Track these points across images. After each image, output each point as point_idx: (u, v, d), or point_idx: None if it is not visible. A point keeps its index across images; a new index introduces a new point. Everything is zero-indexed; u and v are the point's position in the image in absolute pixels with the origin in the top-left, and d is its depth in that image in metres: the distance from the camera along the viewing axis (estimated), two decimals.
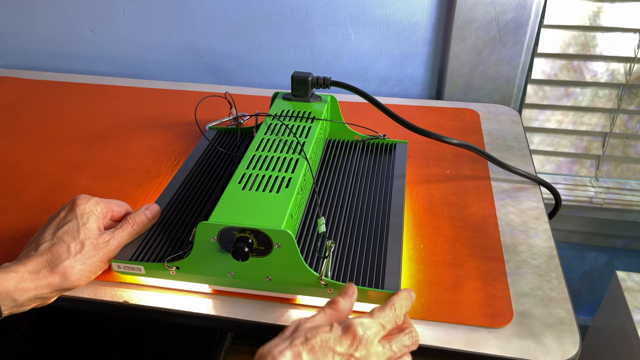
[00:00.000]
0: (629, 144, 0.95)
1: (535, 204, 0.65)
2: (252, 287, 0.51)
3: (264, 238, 0.47)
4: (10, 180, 0.69)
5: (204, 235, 0.48)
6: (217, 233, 0.47)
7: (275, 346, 0.39)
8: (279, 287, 0.50)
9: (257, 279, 0.49)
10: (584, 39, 0.87)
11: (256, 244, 0.47)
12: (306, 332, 0.39)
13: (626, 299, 0.83)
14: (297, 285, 0.49)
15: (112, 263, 0.51)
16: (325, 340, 0.39)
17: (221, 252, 0.48)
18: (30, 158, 0.74)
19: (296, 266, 0.48)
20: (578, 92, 0.91)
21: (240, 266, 0.49)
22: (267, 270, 0.49)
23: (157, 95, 0.92)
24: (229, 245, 0.48)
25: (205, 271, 0.50)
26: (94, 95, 0.92)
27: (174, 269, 0.50)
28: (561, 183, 0.98)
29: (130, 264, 0.51)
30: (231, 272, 0.49)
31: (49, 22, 1.00)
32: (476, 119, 0.84)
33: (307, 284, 0.48)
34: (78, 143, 0.78)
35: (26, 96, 0.92)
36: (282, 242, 0.46)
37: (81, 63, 1.04)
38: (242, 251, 0.46)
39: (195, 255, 0.49)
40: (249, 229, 0.47)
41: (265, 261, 0.48)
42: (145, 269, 0.51)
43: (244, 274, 0.49)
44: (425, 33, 0.90)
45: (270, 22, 0.93)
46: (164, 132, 0.80)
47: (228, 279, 0.50)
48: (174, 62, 1.01)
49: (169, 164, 0.72)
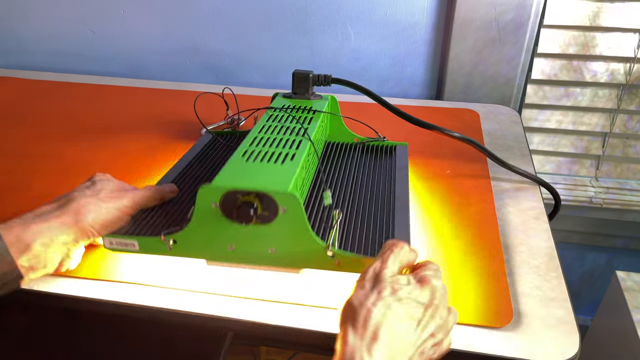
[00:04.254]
0: (628, 144, 0.95)
1: (535, 203, 0.65)
2: (254, 261, 0.48)
3: (270, 202, 0.44)
4: (9, 180, 0.69)
5: (205, 200, 0.45)
6: (220, 197, 0.45)
7: (366, 298, 0.39)
8: (282, 260, 0.47)
9: (260, 251, 0.47)
10: (583, 39, 0.87)
11: (260, 209, 0.45)
12: (392, 284, 0.40)
13: (626, 299, 0.83)
14: (302, 256, 0.47)
15: (104, 239, 0.49)
16: (408, 291, 0.40)
17: (222, 222, 0.46)
18: (30, 158, 0.74)
19: (302, 234, 0.45)
20: (578, 92, 0.91)
21: (242, 237, 0.46)
22: (271, 241, 0.46)
23: (157, 95, 0.92)
24: (232, 211, 0.45)
25: (204, 244, 0.48)
26: (93, 95, 0.92)
27: (171, 242, 0.48)
28: (561, 183, 0.98)
29: (124, 239, 0.49)
30: (232, 245, 0.47)
31: (49, 22, 1.00)
32: (476, 119, 0.84)
33: (313, 254, 0.46)
34: (77, 143, 0.78)
35: (26, 96, 0.92)
36: (289, 206, 0.44)
37: (81, 63, 1.04)
38: (247, 213, 0.44)
39: (194, 225, 0.47)
40: (254, 192, 0.44)
41: (269, 230, 0.46)
42: (139, 244, 0.49)
43: (245, 246, 0.47)
44: (425, 33, 0.90)
45: (270, 22, 0.93)
46: (164, 132, 0.80)
47: (228, 253, 0.48)
48: (174, 62, 1.01)
49: (169, 163, 0.72)
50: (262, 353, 1.12)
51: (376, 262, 0.43)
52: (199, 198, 0.45)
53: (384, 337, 0.37)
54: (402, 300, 0.39)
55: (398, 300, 0.39)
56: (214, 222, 0.46)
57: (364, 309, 0.38)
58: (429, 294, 0.40)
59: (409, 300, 0.39)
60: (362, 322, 0.38)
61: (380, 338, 0.37)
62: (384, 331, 0.37)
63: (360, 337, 0.37)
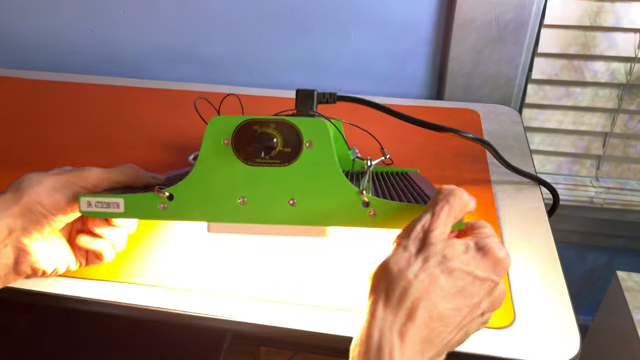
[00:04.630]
0: (629, 143, 0.94)
1: (535, 204, 0.65)
2: (269, 218, 0.40)
3: (292, 134, 0.39)
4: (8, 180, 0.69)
5: (214, 135, 0.39)
6: (234, 130, 0.39)
7: (408, 265, 0.32)
8: (305, 215, 0.40)
9: (277, 203, 0.40)
10: (584, 39, 0.86)
11: (281, 144, 0.39)
12: (443, 249, 0.33)
13: (626, 299, 0.83)
14: (329, 208, 0.39)
15: (80, 200, 0.41)
16: (464, 262, 0.33)
17: (234, 164, 0.39)
18: (29, 158, 0.74)
19: (330, 175, 0.39)
20: (578, 92, 0.91)
21: (256, 184, 0.40)
22: (291, 188, 0.40)
23: (157, 95, 0.92)
24: (247, 148, 0.39)
25: (208, 198, 0.40)
26: (93, 95, 0.92)
27: (166, 199, 0.41)
28: (561, 183, 0.98)
29: (105, 198, 0.41)
30: (243, 197, 0.40)
31: (49, 21, 1.00)
32: (476, 118, 0.84)
33: (344, 203, 0.39)
34: (77, 143, 0.78)
35: (25, 96, 0.92)
36: (315, 137, 0.39)
37: (81, 63, 1.04)
38: (267, 143, 0.38)
39: (198, 171, 0.40)
40: (275, 121, 0.39)
41: (290, 173, 0.39)
42: (125, 204, 0.41)
43: (260, 197, 0.40)
44: (426, 33, 0.90)
45: (270, 22, 0.93)
46: (164, 132, 0.80)
47: (238, 209, 0.40)
48: (173, 61, 1.01)
49: (170, 163, 0.72)
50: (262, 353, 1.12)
51: (425, 216, 0.35)
52: (208, 132, 0.39)
53: (422, 317, 0.31)
54: (454, 273, 0.32)
55: (449, 272, 0.32)
56: (222, 165, 0.40)
57: (403, 279, 0.31)
58: (490, 267, 0.33)
59: (463, 273, 0.33)
60: (398, 295, 0.31)
61: (418, 318, 0.31)
62: (424, 310, 0.31)
63: (393, 313, 0.31)
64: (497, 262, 0.34)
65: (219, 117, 0.39)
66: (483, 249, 0.34)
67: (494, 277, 0.33)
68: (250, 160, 0.39)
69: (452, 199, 0.35)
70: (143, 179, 0.47)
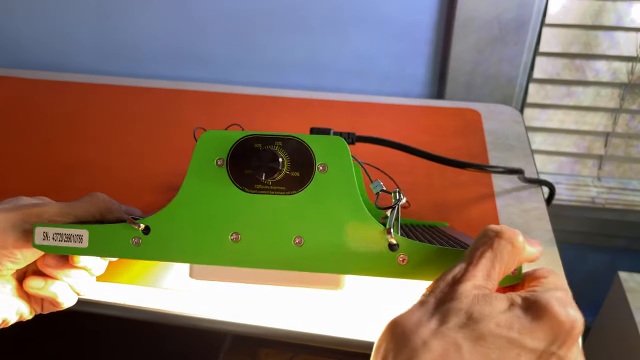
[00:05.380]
0: (631, 143, 0.94)
1: (537, 204, 0.64)
2: (268, 262, 0.32)
3: (302, 155, 0.32)
4: (8, 180, 0.69)
5: (206, 154, 0.32)
6: (230, 148, 0.32)
7: (417, 327, 0.24)
8: (313, 259, 0.32)
9: (279, 242, 0.32)
10: (586, 38, 0.86)
11: (287, 166, 0.32)
12: (470, 307, 0.24)
13: (628, 300, 0.83)
14: (345, 251, 0.31)
15: (34, 230, 0.34)
16: (503, 324, 0.24)
17: (227, 190, 0.32)
18: (29, 158, 0.74)
19: (348, 208, 0.31)
20: (580, 92, 0.91)
21: (253, 217, 0.32)
22: (298, 224, 0.32)
23: (156, 95, 0.92)
24: (245, 170, 0.32)
25: (192, 233, 0.33)
26: (92, 95, 0.92)
27: (140, 232, 0.33)
28: (563, 183, 0.97)
29: (66, 229, 0.34)
30: (236, 232, 0.32)
31: (49, 21, 1.00)
32: (477, 118, 0.84)
33: (364, 246, 0.31)
34: (76, 143, 0.77)
35: (25, 96, 0.92)
36: (331, 159, 0.32)
37: (80, 63, 1.04)
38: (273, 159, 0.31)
39: (182, 199, 0.33)
40: (281, 138, 0.32)
41: (297, 203, 0.32)
42: (90, 238, 0.34)
43: (257, 234, 0.32)
44: (426, 32, 0.89)
45: (270, 21, 0.93)
46: (163, 132, 0.80)
47: (229, 248, 0.32)
48: (173, 61, 1.00)
49: (168, 164, 0.72)
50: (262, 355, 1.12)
51: (459, 264, 0.27)
52: (198, 150, 0.33)
53: None
54: (484, 340, 0.23)
55: (476, 338, 0.23)
56: (213, 191, 0.32)
57: (408, 345, 0.23)
58: (547, 333, 0.24)
59: (501, 340, 0.23)
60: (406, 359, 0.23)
61: None
62: None
63: None
64: (559, 326, 0.24)
65: (212, 131, 0.33)
66: (536, 306, 0.24)
67: (553, 348, 0.23)
68: (248, 186, 0.32)
69: (498, 243, 0.27)
70: (114, 212, 0.38)
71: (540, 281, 0.27)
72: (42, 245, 0.34)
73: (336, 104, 0.87)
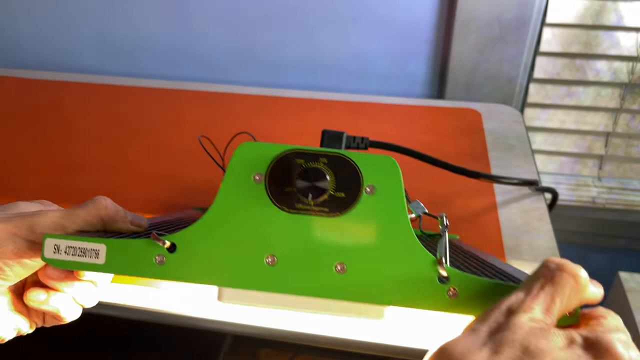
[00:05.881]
0: (631, 143, 0.94)
1: (537, 204, 0.64)
2: (306, 289, 0.30)
3: (349, 174, 0.30)
4: (8, 180, 0.69)
5: (243, 167, 0.30)
6: (270, 163, 0.30)
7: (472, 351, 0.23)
8: (355, 287, 0.30)
9: (319, 268, 0.30)
10: (586, 38, 0.86)
11: (333, 186, 0.30)
12: (526, 339, 0.23)
13: (629, 300, 0.82)
14: (391, 280, 0.29)
15: (45, 242, 0.31)
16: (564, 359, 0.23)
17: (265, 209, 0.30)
18: (29, 158, 0.74)
19: (397, 234, 0.29)
20: (580, 91, 0.90)
21: (291, 239, 0.30)
22: (341, 249, 0.29)
23: (156, 95, 0.92)
24: (286, 188, 0.30)
25: (223, 253, 0.30)
26: (91, 95, 0.92)
27: (165, 250, 0.30)
28: (563, 183, 0.97)
29: (81, 242, 0.31)
30: (272, 255, 0.30)
31: (47, 20, 1.00)
32: (478, 118, 0.84)
33: (412, 276, 0.29)
34: (76, 143, 0.77)
35: (25, 96, 0.92)
36: (381, 181, 0.29)
37: (80, 62, 1.03)
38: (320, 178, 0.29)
39: (214, 215, 0.30)
40: (328, 155, 0.30)
41: (341, 227, 0.30)
42: (107, 252, 0.30)
43: (296, 258, 0.30)
44: (426, 31, 0.89)
45: (270, 21, 0.93)
46: (163, 132, 0.80)
47: (264, 272, 0.30)
48: (173, 61, 1.00)
49: (168, 163, 0.72)
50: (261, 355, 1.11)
51: (516, 294, 0.25)
52: (234, 162, 0.30)
53: None
54: None
55: None
56: (249, 209, 0.30)
57: None
58: None
59: None
60: None
61: None
62: None
63: None
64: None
65: (250, 143, 0.30)
66: (598, 346, 0.23)
67: None
68: (288, 205, 0.30)
69: (561, 277, 0.25)
70: (118, 221, 0.35)
71: (599, 321, 0.25)
72: (53, 259, 0.31)
73: (336, 104, 0.87)
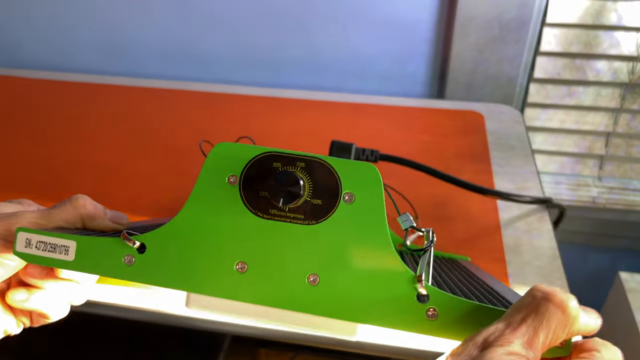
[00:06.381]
0: (632, 143, 0.94)
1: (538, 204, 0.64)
2: (275, 300, 0.28)
3: (327, 180, 0.28)
4: (8, 180, 0.69)
5: (217, 168, 0.29)
6: (245, 165, 0.28)
7: None
8: (327, 302, 0.28)
9: (291, 278, 0.28)
10: (586, 38, 0.86)
11: (309, 192, 0.28)
12: None
13: (629, 300, 0.82)
14: (365, 296, 0.27)
15: (17, 235, 0.30)
16: None
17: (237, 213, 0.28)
18: (29, 158, 0.74)
19: (375, 246, 0.27)
20: (581, 91, 0.90)
21: (263, 246, 0.28)
22: (314, 260, 0.28)
23: (156, 95, 0.92)
24: (260, 192, 0.28)
25: (192, 257, 0.29)
26: (91, 95, 0.92)
27: (135, 250, 0.29)
28: (564, 183, 0.97)
29: (51, 238, 0.30)
30: (243, 262, 0.28)
31: (47, 20, 1.00)
32: (478, 118, 0.83)
33: (389, 293, 0.27)
34: (76, 143, 0.77)
35: (25, 96, 0.92)
36: (360, 189, 0.28)
37: (80, 62, 1.03)
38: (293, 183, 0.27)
39: (185, 217, 0.29)
40: (305, 159, 0.28)
41: (316, 236, 0.28)
42: (77, 249, 0.30)
43: (266, 266, 0.28)
44: (427, 31, 0.89)
45: (269, 21, 0.93)
46: (163, 132, 0.80)
47: (233, 278, 0.28)
48: (173, 61, 1.00)
49: (167, 163, 0.72)
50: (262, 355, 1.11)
51: (495, 325, 0.23)
52: (208, 163, 0.29)
53: None
54: None
55: None
56: (221, 212, 0.29)
57: None
58: None
59: None
60: None
61: None
62: None
63: None
64: None
65: (226, 144, 0.29)
66: None
67: None
68: (262, 211, 0.28)
69: (546, 308, 0.22)
70: (97, 219, 0.34)
71: (592, 354, 0.23)
72: (24, 253, 0.30)
73: (336, 104, 0.87)
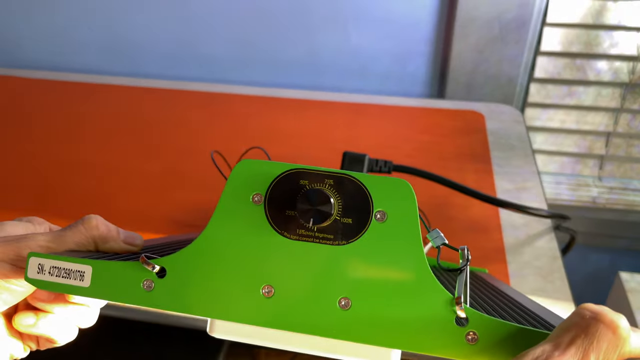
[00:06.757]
0: (632, 143, 0.94)
1: (538, 204, 0.64)
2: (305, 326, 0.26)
3: (357, 198, 0.26)
4: (8, 180, 0.69)
5: (241, 187, 0.27)
6: (271, 183, 0.27)
7: None
8: (360, 326, 0.26)
9: (321, 303, 0.26)
10: (586, 38, 0.86)
11: (338, 209, 0.26)
12: None
13: (629, 300, 0.82)
14: (400, 320, 0.25)
15: (29, 260, 0.28)
16: None
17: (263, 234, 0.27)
18: (28, 158, 0.74)
19: (410, 267, 0.26)
20: (581, 91, 0.90)
21: (291, 269, 0.26)
22: (346, 282, 0.26)
23: (156, 95, 0.92)
24: (287, 211, 0.27)
25: (216, 281, 0.27)
26: (91, 95, 0.92)
27: (154, 274, 0.27)
28: (564, 183, 0.97)
29: (66, 263, 0.28)
30: (270, 285, 0.27)
31: (48, 21, 1.00)
32: (479, 118, 0.83)
33: (426, 316, 0.25)
34: (76, 143, 0.77)
35: (24, 96, 0.92)
36: (393, 207, 0.26)
37: (80, 62, 1.03)
38: (324, 202, 0.26)
39: (208, 239, 0.27)
40: (334, 175, 0.26)
41: (347, 258, 0.26)
42: (93, 275, 0.28)
43: (295, 290, 0.26)
44: (427, 31, 0.89)
45: (269, 21, 0.93)
46: (163, 132, 0.79)
47: (259, 304, 0.27)
48: (173, 61, 1.00)
49: (167, 163, 0.72)
50: (261, 355, 1.11)
51: (543, 346, 0.22)
52: (232, 181, 0.27)
53: None
54: None
55: None
56: (245, 233, 0.27)
57: None
58: None
59: None
60: None
61: None
62: None
63: None
64: None
65: (251, 160, 0.27)
66: None
67: None
68: (289, 231, 0.27)
69: (596, 328, 0.22)
70: (110, 241, 0.32)
71: None
72: (36, 279, 0.28)
73: (336, 104, 0.87)
